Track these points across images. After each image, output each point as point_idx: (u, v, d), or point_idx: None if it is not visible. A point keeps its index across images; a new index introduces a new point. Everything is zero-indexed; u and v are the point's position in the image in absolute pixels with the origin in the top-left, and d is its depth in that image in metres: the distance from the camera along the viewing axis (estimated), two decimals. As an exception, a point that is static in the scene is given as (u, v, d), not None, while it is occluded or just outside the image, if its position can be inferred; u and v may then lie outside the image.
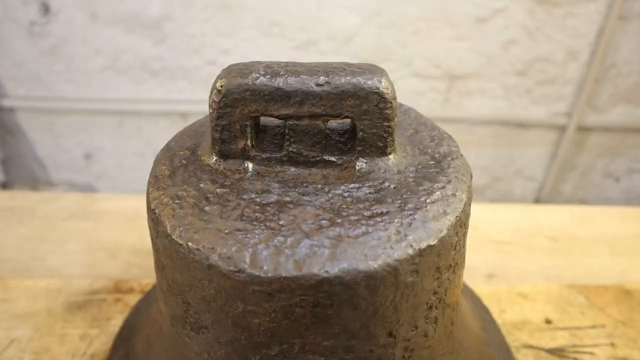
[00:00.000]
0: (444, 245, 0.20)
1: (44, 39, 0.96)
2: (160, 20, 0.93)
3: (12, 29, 0.94)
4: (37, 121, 1.06)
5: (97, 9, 0.92)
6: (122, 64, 0.98)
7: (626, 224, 0.56)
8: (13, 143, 1.10)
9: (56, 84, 1.01)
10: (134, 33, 0.94)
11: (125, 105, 1.03)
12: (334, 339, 0.20)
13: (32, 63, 0.99)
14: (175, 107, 1.02)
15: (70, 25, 0.94)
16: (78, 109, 1.03)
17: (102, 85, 1.01)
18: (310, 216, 0.20)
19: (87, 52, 0.97)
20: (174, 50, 0.96)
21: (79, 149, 1.10)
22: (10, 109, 1.04)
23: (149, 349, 0.29)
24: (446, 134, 0.27)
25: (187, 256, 0.19)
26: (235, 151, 0.22)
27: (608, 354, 0.38)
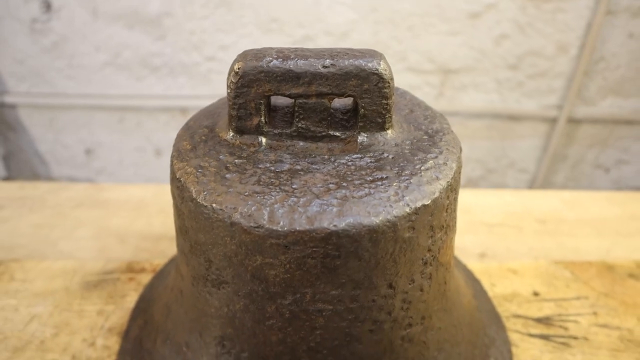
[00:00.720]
0: (436, 206, 0.23)
1: (45, 36, 0.98)
2: (160, 17, 0.95)
3: (14, 26, 0.97)
4: (38, 117, 1.08)
5: (97, 5, 0.94)
6: (123, 60, 1.01)
7: (611, 207, 0.59)
8: (14, 139, 1.12)
9: (57, 80, 1.03)
10: (134, 29, 0.97)
11: (126, 101, 1.05)
12: (341, 288, 0.23)
13: (34, 60, 1.01)
14: (175, 103, 1.05)
15: (72, 22, 0.96)
16: (79, 104, 1.06)
17: (103, 82, 1.03)
18: (319, 181, 0.23)
19: (88, 49, 0.99)
20: (174, 46, 0.99)
21: (79, 145, 1.12)
22: (11, 105, 1.06)
23: (168, 314, 0.32)
24: (438, 113, 0.30)
25: (211, 216, 0.22)
26: (250, 127, 0.25)
27: (590, 322, 0.41)
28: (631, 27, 0.92)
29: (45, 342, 0.40)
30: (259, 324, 0.24)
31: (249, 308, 0.24)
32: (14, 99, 1.05)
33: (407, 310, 0.25)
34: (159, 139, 1.10)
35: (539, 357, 0.38)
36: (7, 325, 0.41)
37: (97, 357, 0.38)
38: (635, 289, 0.44)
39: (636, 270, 0.46)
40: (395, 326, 0.25)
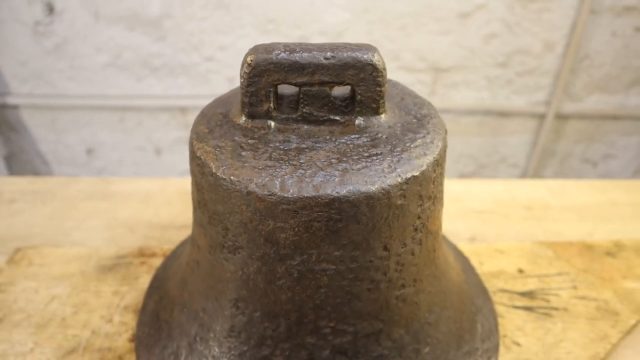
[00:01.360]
0: (424, 178, 0.27)
1: (47, 38, 1.01)
2: (160, 19, 0.99)
3: (17, 28, 1.00)
4: (40, 118, 1.11)
5: (99, 8, 0.98)
6: (123, 61, 1.04)
7: (593, 194, 0.63)
8: (16, 140, 1.15)
9: (59, 82, 1.07)
10: (134, 31, 1.00)
11: (126, 101, 1.08)
12: (343, 249, 0.26)
13: (36, 61, 1.04)
14: (175, 102, 1.08)
15: (74, 24, 1.00)
16: (80, 105, 1.09)
17: (104, 82, 1.07)
18: (323, 156, 0.26)
19: (90, 50, 1.03)
20: (174, 47, 1.02)
21: (81, 145, 1.16)
22: (14, 106, 1.09)
23: (184, 287, 0.35)
24: (426, 101, 0.33)
25: (229, 188, 0.26)
26: (261, 112, 0.29)
27: (570, 295, 0.45)
28: (614, 26, 0.96)
29: (66, 319, 0.43)
30: (270, 284, 0.28)
31: (262, 270, 0.27)
32: (16, 100, 1.08)
33: (401, 272, 0.29)
34: (159, 138, 1.13)
35: (523, 326, 0.42)
36: (29, 305, 0.44)
37: (115, 332, 0.42)
38: (612, 266, 0.48)
39: (613, 249, 0.50)
40: (390, 286, 0.29)
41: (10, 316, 0.43)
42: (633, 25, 0.95)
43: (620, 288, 0.46)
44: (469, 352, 0.35)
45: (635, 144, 1.10)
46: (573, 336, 0.41)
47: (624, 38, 0.97)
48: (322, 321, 0.29)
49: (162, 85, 1.07)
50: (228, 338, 0.31)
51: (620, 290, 0.45)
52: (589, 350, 0.40)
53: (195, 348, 0.33)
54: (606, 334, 0.41)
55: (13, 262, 0.49)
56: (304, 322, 0.29)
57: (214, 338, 0.31)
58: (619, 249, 0.50)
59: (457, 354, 0.34)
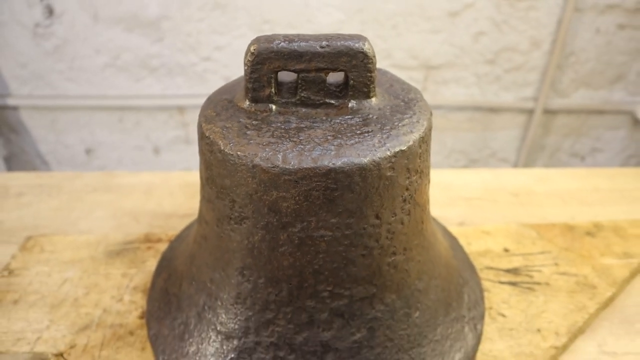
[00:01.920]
0: (411, 152, 0.30)
1: (47, 40, 1.04)
2: (158, 20, 1.02)
3: (17, 31, 1.03)
4: (40, 119, 1.14)
5: (98, 10, 1.01)
6: (122, 62, 1.07)
7: (576, 181, 0.67)
8: (16, 141, 1.17)
9: (59, 83, 1.09)
10: (133, 32, 1.03)
11: (125, 101, 1.11)
12: (339, 217, 0.29)
13: (36, 63, 1.07)
14: (173, 102, 1.11)
15: (73, 26, 1.02)
16: (79, 105, 1.12)
17: (103, 83, 1.10)
18: (320, 134, 0.30)
19: (89, 52, 1.06)
20: (171, 48, 1.05)
21: (80, 145, 1.18)
22: (14, 108, 1.12)
23: (191, 262, 0.38)
24: (413, 87, 0.37)
25: (236, 162, 0.29)
26: (263, 97, 0.32)
27: (552, 271, 0.48)
28: (598, 24, 1.00)
29: (79, 299, 0.46)
30: (274, 251, 0.31)
31: (266, 238, 0.30)
32: (17, 101, 1.11)
33: (392, 240, 0.32)
34: (158, 137, 1.16)
35: (508, 300, 0.45)
36: (43, 287, 0.47)
37: (125, 310, 0.44)
38: (591, 244, 0.52)
39: (593, 229, 0.54)
40: (382, 253, 0.32)
41: (25, 297, 0.46)
42: (615, 22, 0.99)
43: (598, 264, 0.49)
44: (456, 319, 0.38)
45: (620, 137, 1.14)
46: (554, 308, 0.44)
47: (607, 35, 1.01)
48: (321, 285, 0.32)
49: (160, 85, 1.10)
50: (235, 305, 0.34)
51: (599, 266, 0.49)
52: (568, 320, 0.43)
53: (203, 317, 0.36)
54: (584, 305, 0.45)
55: (25, 249, 0.52)
56: (304, 286, 0.32)
57: (222, 306, 0.34)
58: (598, 229, 0.54)
59: (445, 320, 0.37)
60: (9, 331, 0.42)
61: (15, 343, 0.41)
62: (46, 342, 0.41)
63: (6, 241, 0.56)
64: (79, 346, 0.41)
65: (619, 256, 0.50)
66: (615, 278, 0.48)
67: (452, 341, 0.37)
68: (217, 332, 0.35)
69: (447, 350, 0.36)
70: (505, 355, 0.40)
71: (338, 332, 0.33)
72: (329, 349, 0.33)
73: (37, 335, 0.42)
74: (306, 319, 0.32)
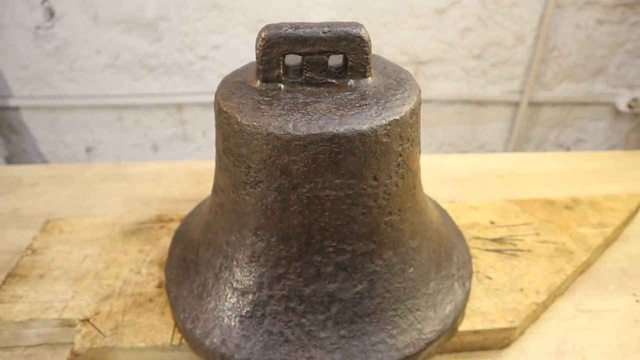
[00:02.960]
0: (403, 122, 0.35)
1: (48, 42, 1.08)
2: (157, 21, 1.06)
3: (19, 33, 1.07)
4: (41, 119, 1.18)
5: (98, 12, 1.05)
6: (121, 62, 1.11)
7: (557, 164, 0.73)
8: (17, 141, 1.21)
9: (59, 83, 1.13)
10: (132, 33, 1.08)
11: (124, 100, 1.15)
12: (342, 178, 0.34)
13: (37, 64, 1.11)
14: (171, 100, 1.16)
15: (73, 27, 1.07)
16: (79, 105, 1.16)
17: (103, 83, 1.14)
18: (324, 107, 0.35)
19: (89, 52, 1.10)
20: (169, 47, 1.10)
21: (80, 144, 1.22)
22: (15, 108, 1.16)
23: (207, 230, 0.43)
24: (403, 69, 0.42)
25: (252, 132, 0.34)
26: (273, 77, 0.37)
27: (533, 239, 0.53)
28: (578, 19, 1.07)
29: (100, 273, 0.50)
30: (285, 211, 0.35)
31: (278, 199, 0.35)
32: (18, 102, 1.15)
33: (388, 201, 0.37)
34: (156, 135, 1.21)
35: (493, 264, 0.50)
36: (65, 263, 0.51)
37: (143, 281, 0.49)
38: (569, 216, 0.57)
39: (571, 203, 0.59)
40: (380, 212, 0.37)
41: (49, 272, 0.50)
42: (594, 18, 1.05)
43: (575, 233, 0.54)
44: (446, 276, 0.43)
45: (603, 128, 1.21)
46: (535, 270, 0.49)
47: (587, 30, 1.07)
48: (327, 241, 0.36)
49: (159, 84, 1.14)
50: (249, 263, 0.38)
51: (576, 235, 0.54)
52: (548, 280, 0.48)
53: (220, 277, 0.40)
54: (562, 267, 0.50)
55: (45, 231, 0.56)
56: (311, 242, 0.36)
57: (237, 265, 0.39)
58: (576, 203, 0.59)
59: (436, 277, 0.42)
60: (37, 301, 0.47)
61: (44, 311, 0.46)
62: (72, 310, 0.46)
63: (24, 226, 0.61)
64: (103, 312, 0.45)
65: (594, 226, 0.55)
66: (591, 245, 0.53)
67: (443, 295, 0.42)
68: (233, 289, 0.39)
69: (439, 302, 0.41)
70: (492, 311, 0.45)
71: (342, 284, 0.38)
72: (334, 299, 0.38)
73: (64, 305, 0.46)
74: (314, 273, 0.37)
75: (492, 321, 0.44)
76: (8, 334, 0.45)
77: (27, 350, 0.46)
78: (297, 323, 0.38)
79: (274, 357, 0.37)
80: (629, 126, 1.19)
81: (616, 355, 0.45)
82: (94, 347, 0.42)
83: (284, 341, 0.37)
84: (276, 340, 0.37)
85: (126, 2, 1.02)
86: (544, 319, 0.48)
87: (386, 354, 0.37)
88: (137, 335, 0.43)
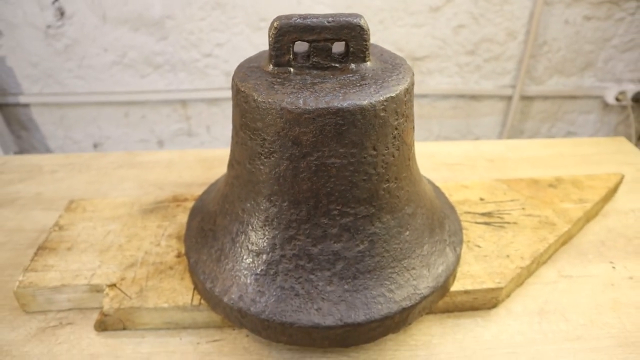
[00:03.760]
0: (399, 99, 0.41)
1: (58, 40, 1.14)
2: (162, 20, 1.12)
3: (30, 32, 1.12)
4: (50, 115, 1.23)
5: (106, 11, 1.11)
6: (128, 60, 1.17)
7: (544, 149, 0.78)
8: (26, 137, 1.26)
9: (68, 80, 1.19)
10: (139, 31, 1.13)
11: (131, 97, 1.21)
12: (345, 147, 0.40)
13: (47, 62, 1.16)
14: (176, 96, 1.21)
15: (82, 26, 1.12)
16: (87, 102, 1.21)
17: (110, 80, 1.19)
18: (330, 86, 0.40)
19: (97, 50, 1.15)
20: (175, 45, 1.16)
21: (88, 139, 1.27)
22: (25, 105, 1.21)
23: (224, 200, 0.48)
24: (398, 56, 0.47)
25: (267, 107, 0.39)
26: (283, 62, 0.42)
27: (520, 213, 0.59)
28: (566, 15, 1.13)
29: (122, 245, 0.55)
30: (295, 177, 0.41)
31: (289, 167, 0.41)
32: (28, 99, 1.20)
33: (386, 169, 0.42)
34: (162, 130, 1.26)
35: (483, 235, 0.56)
36: (91, 237, 0.57)
37: (163, 252, 0.54)
38: (552, 193, 0.63)
39: (555, 182, 0.65)
40: (379, 179, 0.42)
41: (76, 245, 0.55)
42: (582, 14, 1.11)
43: (558, 208, 0.60)
44: (438, 241, 0.48)
45: (592, 121, 1.26)
46: (520, 239, 0.55)
47: (575, 26, 1.13)
48: (332, 205, 0.42)
49: (164, 81, 1.20)
50: (263, 227, 0.44)
51: (558, 209, 0.60)
52: (532, 248, 0.54)
53: (237, 240, 0.46)
54: (545, 237, 0.55)
55: (70, 210, 0.61)
56: (319, 206, 0.42)
57: (252, 229, 0.44)
58: (559, 182, 0.65)
59: (429, 240, 0.47)
60: (67, 270, 0.52)
61: (74, 278, 0.51)
62: (100, 277, 0.51)
63: (47, 208, 0.66)
64: (128, 279, 0.51)
65: (575, 202, 0.61)
66: (572, 217, 0.58)
67: (436, 257, 0.47)
68: (248, 250, 0.45)
69: (432, 262, 0.47)
70: (481, 274, 0.50)
71: (346, 244, 0.43)
72: (339, 257, 0.43)
73: (92, 272, 0.52)
74: (321, 234, 0.43)
75: (481, 282, 0.49)
76: (42, 299, 0.51)
77: (59, 314, 0.51)
78: (306, 279, 0.43)
79: (286, 309, 0.42)
80: (618, 119, 1.25)
81: (592, 314, 0.50)
82: (122, 308, 0.48)
83: (295, 295, 0.43)
84: (288, 294, 0.43)
85: (133, 1, 1.08)
86: (528, 283, 0.54)
87: (385, 305, 0.43)
88: (160, 297, 0.48)
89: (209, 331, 0.49)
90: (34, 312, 0.51)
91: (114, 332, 0.49)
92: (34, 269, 0.52)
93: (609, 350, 0.47)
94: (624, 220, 0.63)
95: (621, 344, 0.47)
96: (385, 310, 0.43)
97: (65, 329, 0.50)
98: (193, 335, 0.49)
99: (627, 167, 0.74)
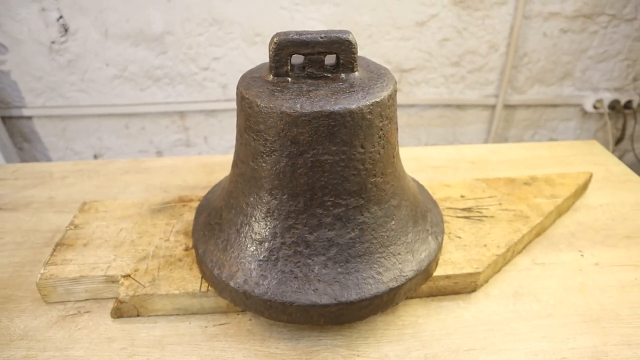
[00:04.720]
0: (383, 103, 0.47)
1: (62, 55, 1.20)
2: (162, 35, 1.19)
3: (34, 47, 1.18)
4: (52, 127, 1.29)
5: (109, 27, 1.17)
6: (129, 73, 1.23)
7: (523, 152, 0.85)
8: (28, 149, 1.31)
9: (71, 94, 1.25)
10: (139, 46, 1.20)
11: (131, 109, 1.27)
12: (337, 146, 0.46)
13: (50, 76, 1.22)
14: (175, 108, 1.27)
15: (86, 42, 1.19)
16: (89, 114, 1.27)
17: (111, 93, 1.25)
18: (323, 93, 0.47)
19: (99, 65, 1.22)
20: (174, 59, 1.22)
21: (89, 150, 1.33)
22: (28, 117, 1.26)
23: (229, 196, 0.54)
24: (383, 66, 0.54)
25: (269, 111, 0.45)
26: (282, 72, 0.49)
27: (497, 208, 0.65)
28: (544, 29, 1.21)
29: (134, 241, 0.61)
30: (294, 172, 0.47)
31: (288, 163, 0.47)
32: (31, 111, 1.25)
33: (373, 165, 0.49)
34: (160, 140, 1.32)
35: (463, 227, 0.62)
36: (105, 234, 0.62)
37: (172, 246, 0.60)
38: (527, 190, 0.69)
39: (529, 180, 0.71)
40: (367, 174, 0.49)
41: (92, 242, 0.61)
42: (558, 27, 1.19)
43: (532, 203, 0.67)
44: (421, 230, 0.55)
45: (573, 128, 1.34)
46: (497, 231, 0.61)
47: (552, 38, 1.21)
48: (326, 197, 0.48)
49: (163, 94, 1.26)
50: (265, 218, 0.50)
51: (532, 204, 0.66)
52: (507, 238, 0.60)
53: (241, 231, 0.52)
54: (519, 228, 0.62)
55: (83, 210, 0.67)
56: (314, 198, 0.48)
57: (255, 220, 0.51)
58: (534, 180, 0.71)
59: (413, 229, 0.54)
60: (85, 263, 0.58)
61: (91, 270, 0.56)
62: (115, 268, 0.57)
63: (60, 211, 0.71)
64: (141, 270, 0.56)
65: (547, 197, 0.68)
66: (544, 211, 0.65)
67: (419, 244, 0.53)
68: (252, 239, 0.51)
69: (416, 249, 0.53)
70: (460, 261, 0.57)
71: (339, 232, 0.49)
72: (333, 243, 0.49)
73: (107, 265, 0.57)
74: (316, 223, 0.49)
75: (461, 268, 0.56)
76: (62, 289, 0.56)
77: (77, 304, 0.56)
78: (304, 263, 0.49)
79: (286, 290, 0.48)
80: (596, 125, 1.33)
81: (562, 295, 0.57)
82: (136, 295, 0.53)
83: (294, 278, 0.49)
84: (288, 277, 0.49)
85: (135, 18, 1.15)
86: (504, 271, 0.60)
87: (374, 286, 0.49)
88: (171, 285, 0.54)
89: (215, 316, 0.55)
90: (54, 302, 0.57)
91: (129, 319, 0.55)
92: (54, 263, 0.58)
93: (576, 325, 0.53)
94: (593, 214, 0.70)
95: (586, 320, 0.54)
96: (374, 290, 0.49)
97: (83, 316, 0.55)
98: (201, 320, 0.54)
99: (598, 167, 0.81)
